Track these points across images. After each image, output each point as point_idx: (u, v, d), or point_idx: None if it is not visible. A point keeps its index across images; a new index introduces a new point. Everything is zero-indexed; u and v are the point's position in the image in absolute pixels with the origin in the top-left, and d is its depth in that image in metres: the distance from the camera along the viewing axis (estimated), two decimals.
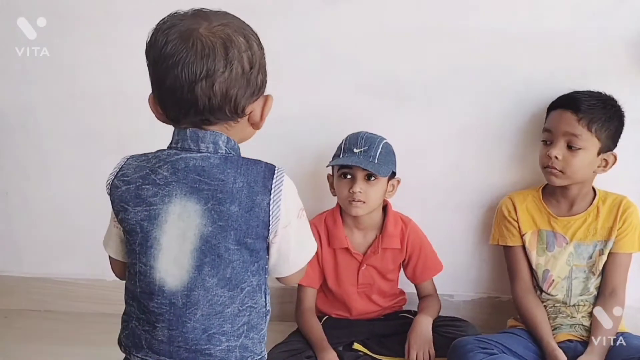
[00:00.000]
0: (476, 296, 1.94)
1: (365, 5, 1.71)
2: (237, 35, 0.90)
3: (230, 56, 0.88)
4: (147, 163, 0.93)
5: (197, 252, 0.91)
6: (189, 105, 0.89)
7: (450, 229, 1.87)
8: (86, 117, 1.85)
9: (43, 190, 1.94)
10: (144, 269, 0.94)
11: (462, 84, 1.75)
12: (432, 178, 1.81)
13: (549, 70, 1.72)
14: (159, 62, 0.88)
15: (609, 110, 1.58)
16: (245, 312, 0.95)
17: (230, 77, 0.88)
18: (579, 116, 1.55)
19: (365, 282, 1.72)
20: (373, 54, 1.74)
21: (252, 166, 0.92)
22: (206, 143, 0.92)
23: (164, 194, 0.91)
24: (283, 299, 1.87)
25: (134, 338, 0.98)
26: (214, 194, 0.90)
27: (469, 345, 1.50)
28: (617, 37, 1.68)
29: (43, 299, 2.01)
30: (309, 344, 1.64)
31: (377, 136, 1.63)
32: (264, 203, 0.90)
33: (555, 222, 1.67)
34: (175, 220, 0.91)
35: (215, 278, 0.92)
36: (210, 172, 0.90)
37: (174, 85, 0.88)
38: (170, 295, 0.93)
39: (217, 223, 0.90)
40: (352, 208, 1.62)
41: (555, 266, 1.66)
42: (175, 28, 0.89)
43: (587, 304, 1.64)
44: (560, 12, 1.68)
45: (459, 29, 1.71)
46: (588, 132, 1.55)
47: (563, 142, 1.58)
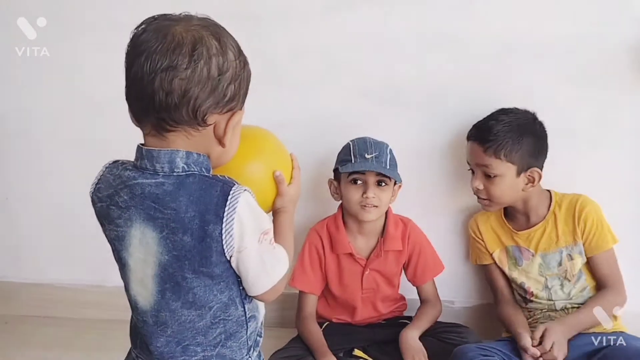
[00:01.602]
0: (477, 302, 1.93)
1: (366, 12, 1.72)
2: (210, 38, 0.86)
3: (197, 54, 0.84)
4: (113, 181, 0.92)
5: (157, 278, 0.90)
6: (148, 98, 0.85)
7: (449, 235, 1.87)
8: (86, 122, 1.85)
9: (43, 195, 1.94)
10: (124, 283, 0.97)
11: (462, 91, 1.75)
12: (432, 183, 1.81)
13: (549, 77, 1.72)
14: (130, 50, 0.87)
15: (516, 131, 1.56)
16: (219, 325, 0.94)
17: (192, 76, 0.84)
18: (485, 146, 1.56)
19: (369, 287, 1.72)
20: (374, 60, 1.75)
21: (206, 191, 0.86)
22: (161, 163, 0.87)
23: (125, 217, 0.90)
24: (284, 305, 1.86)
25: (134, 335, 1.01)
26: (167, 223, 0.87)
27: (470, 352, 1.49)
28: (618, 43, 1.68)
29: (43, 305, 2.00)
30: (310, 350, 1.64)
31: (382, 142, 1.64)
32: (215, 233, 0.85)
33: (518, 237, 1.68)
34: (137, 245, 0.90)
35: (179, 302, 0.91)
36: (163, 200, 0.86)
37: (136, 74, 0.85)
38: (142, 314, 0.94)
39: (172, 252, 0.88)
40: (364, 213, 1.63)
41: (530, 279, 1.67)
42: (155, 22, 0.87)
43: (575, 306, 1.63)
44: (560, 19, 1.69)
45: (459, 36, 1.71)
46: (497, 160, 1.56)
47: (480, 173, 1.60)
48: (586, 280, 1.64)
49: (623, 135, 1.61)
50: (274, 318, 1.87)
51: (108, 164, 0.96)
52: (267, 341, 1.73)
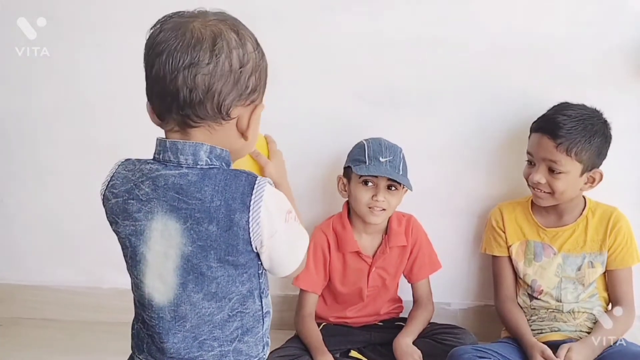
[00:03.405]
0: (473, 304, 1.93)
1: (363, 13, 1.72)
2: (229, 31, 0.87)
3: (217, 49, 0.85)
4: (132, 175, 0.92)
5: (180, 270, 0.90)
6: (171, 96, 0.86)
7: (446, 237, 1.87)
8: (83, 123, 1.85)
9: (39, 197, 1.93)
10: (136, 281, 0.95)
11: (459, 92, 1.76)
12: (429, 186, 1.81)
13: (545, 79, 1.73)
14: (149, 51, 0.87)
15: (589, 130, 1.54)
16: (236, 318, 0.94)
17: (215, 70, 0.85)
18: (557, 142, 1.53)
19: (375, 285, 1.73)
20: (371, 61, 1.75)
21: (231, 181, 0.88)
22: (185, 155, 0.88)
23: (146, 210, 0.90)
24: (282, 306, 1.86)
25: (137, 339, 0.99)
26: (192, 214, 0.87)
27: (466, 354, 1.49)
28: (614, 44, 1.69)
29: (39, 307, 1.99)
30: (307, 349, 1.65)
31: (395, 145, 1.65)
32: (242, 221, 0.87)
33: (544, 233, 1.67)
34: (158, 238, 0.90)
35: (201, 293, 0.91)
36: (188, 190, 0.87)
37: (158, 73, 0.86)
38: (159, 310, 0.93)
39: (197, 243, 0.88)
40: (372, 216, 1.63)
41: (544, 277, 1.65)
42: (172, 20, 0.88)
43: (582, 310, 1.63)
44: (556, 20, 1.70)
45: (455, 38, 1.72)
46: (567, 157, 1.53)
47: (544, 167, 1.57)
48: (596, 287, 1.65)
49: (618, 135, 1.62)
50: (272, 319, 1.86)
51: (120, 162, 0.95)
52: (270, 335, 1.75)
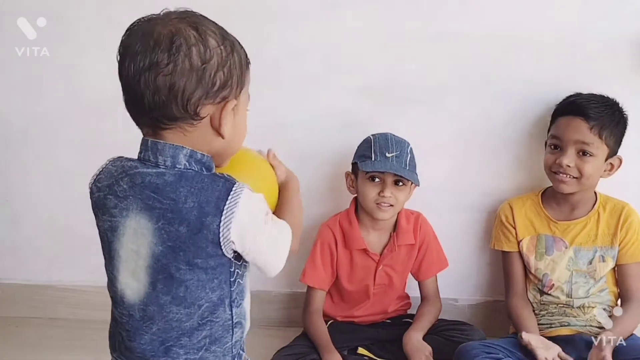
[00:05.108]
0: (481, 300, 1.93)
1: (367, 8, 1.71)
2: (187, 29, 0.85)
3: (175, 48, 0.83)
4: (115, 171, 0.92)
5: (150, 269, 0.89)
6: (138, 100, 0.86)
7: (453, 232, 1.86)
8: (88, 123, 1.84)
9: (44, 197, 1.93)
10: (111, 277, 0.95)
11: (465, 87, 1.75)
12: (435, 181, 1.79)
13: (552, 73, 1.72)
14: (117, 57, 0.88)
15: (616, 116, 1.58)
16: (205, 327, 0.92)
17: (175, 70, 0.83)
18: (591, 124, 1.54)
19: (382, 282, 1.72)
20: (375, 57, 1.74)
21: (208, 185, 0.87)
22: (164, 156, 0.88)
23: (122, 207, 0.90)
24: (289, 304, 1.86)
25: (112, 337, 1.00)
26: (164, 213, 0.86)
27: (474, 350, 1.49)
28: (620, 38, 1.68)
29: (45, 307, 2.00)
30: (314, 346, 1.64)
31: (403, 140, 1.63)
32: (213, 225, 0.86)
33: (555, 227, 1.67)
34: (131, 235, 0.90)
35: (169, 296, 0.89)
36: (163, 190, 0.87)
37: (125, 78, 0.86)
38: (129, 307, 0.93)
39: (167, 243, 0.87)
40: (379, 212, 1.62)
41: (555, 270, 1.65)
42: (138, 24, 0.87)
43: (593, 305, 1.62)
44: (563, 14, 1.69)
45: (461, 32, 1.71)
46: (599, 140, 1.54)
47: (573, 150, 1.56)
48: (606, 282, 1.64)
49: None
50: (279, 317, 1.87)
51: (112, 158, 0.96)
52: (272, 340, 1.74)
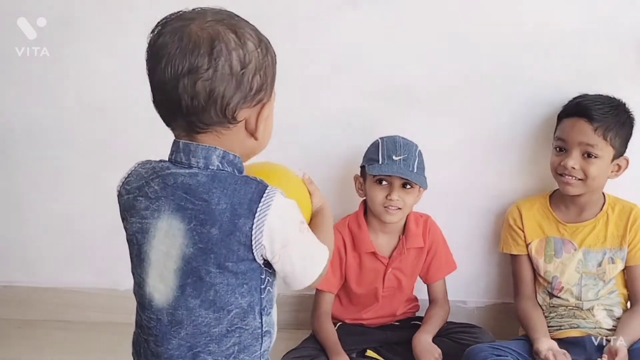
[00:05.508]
0: (489, 302, 1.92)
1: (374, 11, 1.71)
2: (227, 32, 0.84)
3: (216, 53, 0.82)
4: (145, 173, 0.92)
5: (180, 272, 0.88)
6: (174, 104, 0.85)
7: (461, 235, 1.85)
8: (95, 125, 1.84)
9: (54, 200, 1.94)
10: (139, 280, 0.94)
11: (471, 89, 1.75)
12: (443, 184, 1.79)
13: (558, 74, 1.71)
14: (150, 57, 0.86)
15: (621, 117, 1.57)
16: (234, 333, 0.91)
17: (215, 75, 0.83)
18: (595, 125, 1.53)
19: (390, 285, 1.72)
20: (382, 60, 1.74)
21: (241, 187, 0.86)
22: (197, 158, 0.87)
23: (154, 208, 0.89)
24: (298, 307, 1.86)
25: (136, 345, 0.98)
26: (196, 215, 0.86)
27: (482, 352, 1.49)
28: (627, 39, 1.67)
29: (56, 309, 2.01)
30: (323, 348, 1.64)
31: (412, 143, 1.63)
32: (246, 227, 0.85)
33: (564, 229, 1.66)
34: (162, 237, 0.89)
35: (198, 299, 0.88)
36: (196, 191, 0.86)
37: (159, 81, 0.84)
38: (157, 311, 0.92)
39: (198, 245, 0.86)
40: (387, 215, 1.62)
41: (564, 273, 1.64)
42: (170, 23, 0.86)
43: (602, 307, 1.61)
44: (569, 14, 1.68)
45: (467, 34, 1.70)
46: (604, 141, 1.54)
47: (578, 152, 1.56)
48: (616, 284, 1.63)
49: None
50: (288, 319, 1.87)
51: (140, 161, 0.96)
52: (281, 342, 1.73)
